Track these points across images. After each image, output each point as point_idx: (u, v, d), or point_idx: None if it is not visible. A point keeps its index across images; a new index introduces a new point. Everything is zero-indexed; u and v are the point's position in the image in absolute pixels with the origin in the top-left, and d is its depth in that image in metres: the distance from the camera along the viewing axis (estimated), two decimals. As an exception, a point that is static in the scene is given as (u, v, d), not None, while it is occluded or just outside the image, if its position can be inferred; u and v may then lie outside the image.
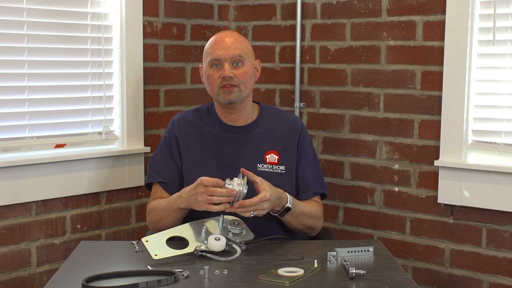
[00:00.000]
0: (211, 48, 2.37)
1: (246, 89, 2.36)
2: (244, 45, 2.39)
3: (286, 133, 2.45)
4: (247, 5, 3.38)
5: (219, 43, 2.36)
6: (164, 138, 2.49)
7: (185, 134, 2.44)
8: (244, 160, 2.37)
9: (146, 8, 3.03)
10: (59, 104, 2.78)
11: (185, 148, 2.42)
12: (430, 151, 2.87)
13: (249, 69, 2.38)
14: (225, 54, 2.34)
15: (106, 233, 2.96)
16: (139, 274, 1.90)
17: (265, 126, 2.45)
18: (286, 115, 2.52)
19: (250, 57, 2.40)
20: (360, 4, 3.02)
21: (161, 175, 2.44)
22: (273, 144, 2.42)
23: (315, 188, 2.46)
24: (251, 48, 2.43)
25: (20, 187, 2.64)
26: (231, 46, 2.35)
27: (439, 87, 2.82)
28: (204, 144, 2.42)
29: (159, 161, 2.46)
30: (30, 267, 2.72)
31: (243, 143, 2.41)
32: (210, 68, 2.37)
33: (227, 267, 1.97)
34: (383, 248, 2.22)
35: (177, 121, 2.48)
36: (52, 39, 2.74)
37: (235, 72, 2.34)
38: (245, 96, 2.37)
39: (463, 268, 2.82)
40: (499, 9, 2.65)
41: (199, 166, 2.39)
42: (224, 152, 2.40)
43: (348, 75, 3.09)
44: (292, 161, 2.43)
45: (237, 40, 2.38)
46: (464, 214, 2.80)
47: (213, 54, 2.35)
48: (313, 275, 1.93)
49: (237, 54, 2.34)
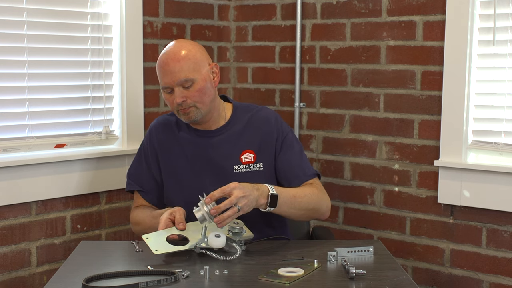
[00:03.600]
0: (158, 74, 2.30)
1: (203, 105, 2.30)
2: (189, 63, 2.26)
3: (261, 129, 2.41)
4: (247, 5, 3.38)
5: (164, 69, 2.27)
6: (143, 146, 2.47)
7: (162, 141, 2.42)
8: (220, 164, 2.34)
9: (146, 8, 3.03)
10: (59, 104, 2.78)
11: (163, 155, 2.41)
12: (430, 151, 2.87)
13: (201, 86, 2.27)
14: (172, 81, 2.25)
15: (106, 233, 2.96)
16: (139, 274, 1.90)
17: (238, 125, 2.41)
18: (259, 111, 2.46)
19: (200, 70, 2.28)
20: (360, 4, 3.02)
21: (139, 183, 2.45)
22: (247, 142, 2.38)
23: (307, 171, 2.41)
24: (200, 58, 2.30)
25: (20, 187, 2.64)
26: (175, 70, 2.24)
27: (439, 87, 2.82)
28: (180, 150, 2.39)
29: (137, 169, 2.47)
30: (30, 267, 2.71)
31: (217, 146, 2.38)
32: (164, 93, 2.32)
33: (227, 267, 1.97)
34: (383, 248, 2.22)
35: (154, 129, 2.45)
36: (52, 39, 2.74)
37: (187, 94, 2.26)
38: (205, 112, 2.32)
39: (463, 268, 2.82)
40: (499, 9, 2.65)
41: (176, 173, 2.38)
42: (200, 157, 2.37)
43: (348, 75, 3.09)
44: (270, 157, 2.39)
45: (180, 61, 2.25)
46: (464, 214, 2.80)
47: (162, 82, 2.29)
48: (313, 275, 1.93)
49: (183, 78, 2.24)
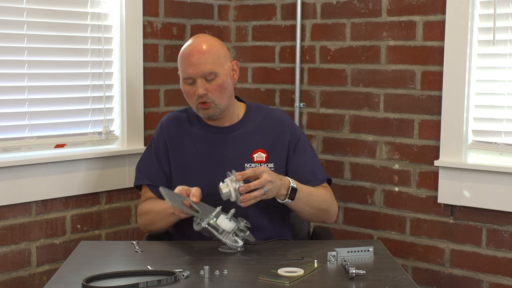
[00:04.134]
0: (182, 65, 2.33)
1: (222, 101, 2.33)
2: (214, 57, 2.30)
3: (274, 130, 2.43)
4: (247, 5, 3.38)
5: (188, 60, 2.30)
6: (153, 140, 2.49)
7: (173, 136, 2.43)
8: (231, 160, 2.36)
9: (146, 8, 3.03)
10: (59, 104, 2.78)
11: (173, 150, 2.42)
12: (430, 151, 2.87)
13: (223, 80, 2.31)
14: (196, 72, 2.28)
15: (106, 233, 2.96)
16: (139, 274, 1.90)
17: (251, 124, 2.43)
18: (272, 112, 2.49)
19: (222, 64, 2.32)
20: (360, 4, 3.02)
21: (149, 177, 2.45)
22: (260, 142, 2.40)
23: (319, 175, 2.44)
24: (223, 53, 2.34)
25: (20, 187, 2.64)
26: (200, 62, 2.28)
27: (439, 87, 2.82)
28: (191, 146, 2.41)
29: (147, 164, 2.47)
30: (30, 267, 2.71)
31: (230, 143, 2.40)
32: (184, 84, 2.34)
33: (227, 267, 1.97)
34: (383, 248, 2.22)
35: (165, 124, 2.47)
36: (52, 39, 2.74)
37: (209, 87, 2.29)
38: (223, 108, 2.35)
39: (463, 268, 2.82)
40: (499, 9, 2.65)
41: (187, 168, 2.39)
42: (211, 153, 2.38)
43: (348, 75, 3.08)
44: (282, 158, 2.41)
45: (205, 53, 2.29)
46: (464, 214, 2.80)
47: (185, 73, 2.32)
48: (313, 275, 1.93)
49: (207, 71, 2.28)
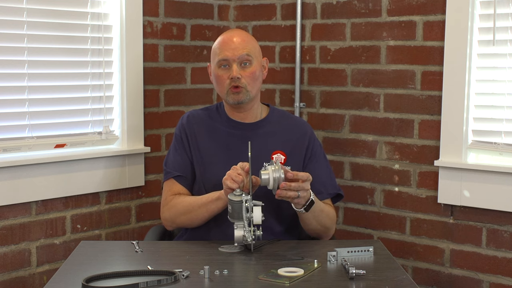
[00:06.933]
0: (219, 49, 2.39)
1: (253, 89, 2.38)
2: (251, 45, 2.40)
3: (295, 137, 2.46)
4: (247, 5, 3.38)
5: (226, 43, 2.38)
6: (175, 135, 2.51)
7: (195, 130, 2.46)
8: (251, 157, 2.36)
9: (146, 8, 3.03)
10: (59, 104, 2.78)
11: (195, 143, 2.45)
12: (430, 151, 2.87)
13: (256, 69, 2.39)
14: (233, 55, 2.35)
15: (106, 233, 2.96)
16: (139, 274, 1.90)
17: (273, 126, 2.47)
18: (295, 119, 2.55)
19: (257, 56, 2.41)
20: (360, 4, 3.02)
21: (177, 169, 2.44)
22: (280, 144, 2.43)
23: (330, 189, 2.46)
24: (258, 47, 2.45)
25: (20, 187, 2.64)
26: (238, 46, 2.36)
27: (439, 87, 2.82)
28: (213, 140, 2.43)
29: (172, 157, 2.48)
30: (30, 267, 2.71)
31: (251, 139, 2.40)
32: (218, 69, 2.39)
33: (227, 267, 1.97)
34: (383, 248, 2.22)
35: (187, 118, 2.50)
36: (52, 39, 2.74)
37: (242, 73, 2.36)
38: (252, 96, 2.40)
39: (463, 268, 2.82)
40: (499, 9, 2.65)
41: (208, 161, 2.41)
42: (233, 147, 2.41)
43: (348, 75, 3.08)
44: (298, 165, 2.42)
45: (244, 40, 2.39)
46: (464, 214, 2.80)
47: (221, 55, 2.37)
48: (313, 275, 1.93)
49: (244, 53, 2.36)
